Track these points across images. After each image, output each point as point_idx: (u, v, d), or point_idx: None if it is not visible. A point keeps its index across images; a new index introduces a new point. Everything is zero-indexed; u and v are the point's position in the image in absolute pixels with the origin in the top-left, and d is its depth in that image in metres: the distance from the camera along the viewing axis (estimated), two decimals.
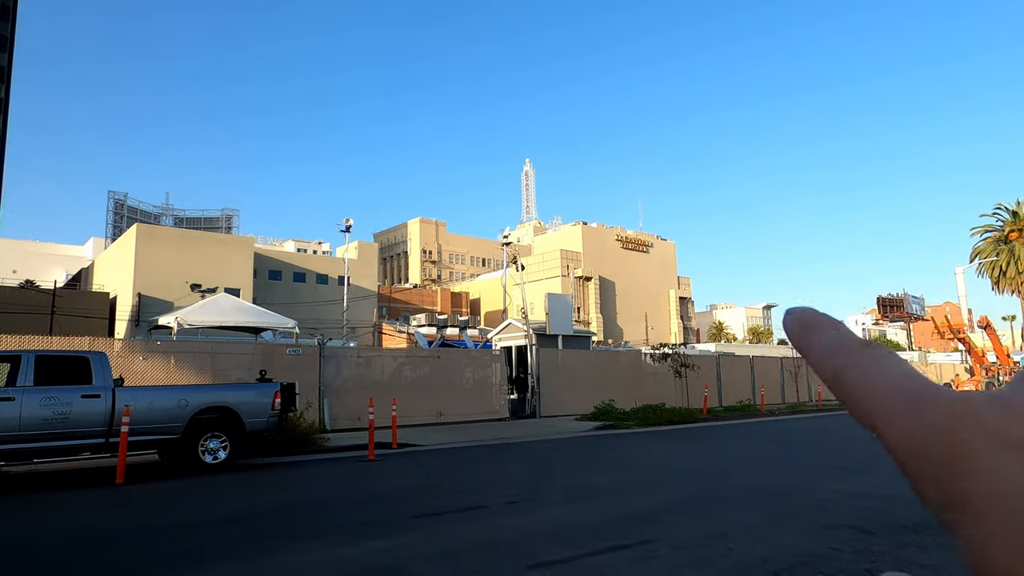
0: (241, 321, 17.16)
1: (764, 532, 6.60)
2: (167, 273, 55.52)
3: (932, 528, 6.74)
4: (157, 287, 54.66)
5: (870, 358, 0.28)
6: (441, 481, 9.78)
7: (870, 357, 0.28)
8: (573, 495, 8.58)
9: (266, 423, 11.02)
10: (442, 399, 19.45)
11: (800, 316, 0.32)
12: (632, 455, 13.30)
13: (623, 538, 6.32)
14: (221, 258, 60.79)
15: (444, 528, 6.78)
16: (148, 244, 57.49)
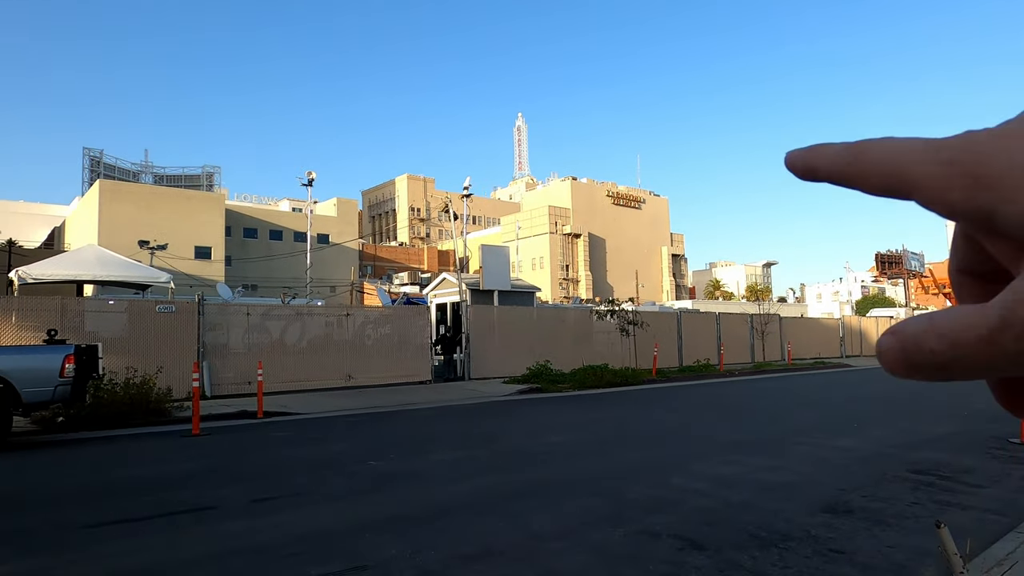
0: (101, 275, 15.19)
1: (555, 545, 4.70)
2: (134, 231, 53.38)
3: (776, 544, 4.83)
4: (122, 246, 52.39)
5: (879, 139, 0.30)
6: (224, 466, 7.91)
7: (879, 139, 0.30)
8: (361, 486, 6.70)
9: (53, 393, 9.14)
10: (354, 361, 17.59)
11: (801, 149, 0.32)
12: (517, 425, 11.45)
13: (330, 561, 4.43)
14: (190, 215, 58.58)
15: (110, 545, 4.89)
16: (112, 201, 55.33)
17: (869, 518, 5.47)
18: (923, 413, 12.15)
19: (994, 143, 0.27)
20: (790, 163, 0.32)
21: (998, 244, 0.29)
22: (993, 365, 0.26)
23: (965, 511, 5.70)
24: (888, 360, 0.29)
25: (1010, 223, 0.26)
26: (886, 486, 6.54)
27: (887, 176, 0.29)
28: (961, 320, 0.27)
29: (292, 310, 17.45)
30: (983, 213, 0.27)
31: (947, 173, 0.27)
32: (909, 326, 0.29)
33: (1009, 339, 0.25)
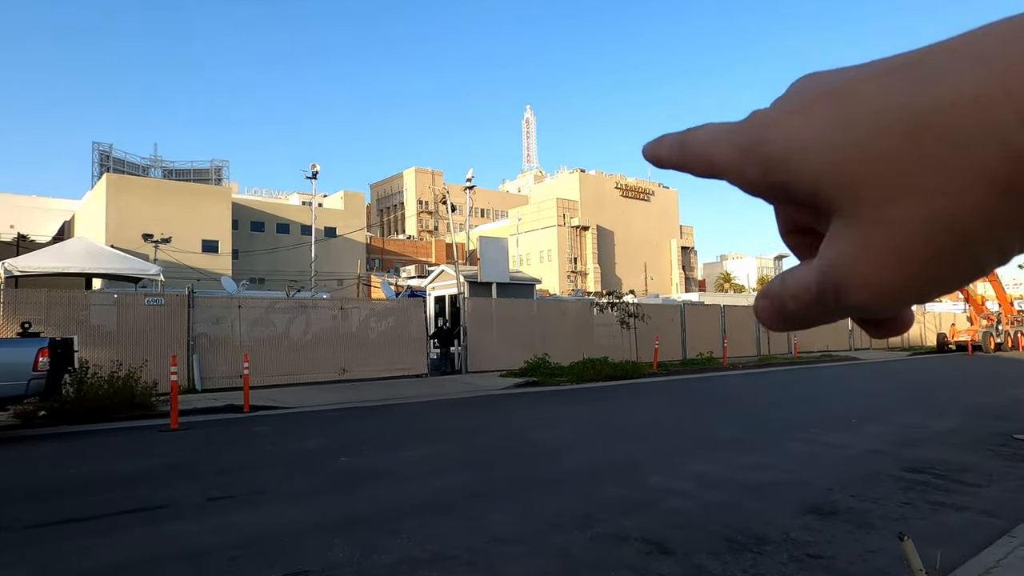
0: (89, 268, 15.01)
1: (514, 550, 4.39)
2: (141, 224, 53.43)
3: (751, 548, 4.52)
4: (129, 239, 52.56)
5: (703, 125, 0.33)
6: (191, 462, 7.67)
7: (703, 125, 0.33)
8: (325, 484, 6.44)
9: (26, 387, 8.94)
10: (349, 354, 17.35)
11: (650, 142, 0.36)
12: (504, 420, 11.16)
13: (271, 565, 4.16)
14: (198, 209, 58.60)
15: (42, 549, 4.65)
16: (119, 195, 55.42)
17: (854, 520, 5.14)
18: (926, 408, 11.76)
19: (775, 123, 0.29)
20: (645, 154, 0.36)
21: (800, 211, 0.32)
22: (832, 315, 0.30)
23: (959, 512, 5.37)
24: (764, 319, 0.33)
25: (802, 194, 0.28)
26: (877, 485, 6.20)
27: (702, 162, 0.32)
28: (799, 282, 0.30)
29: (287, 303, 17.23)
30: (778, 189, 0.29)
31: (742, 158, 0.30)
32: (773, 287, 0.32)
33: (830, 300, 0.29)
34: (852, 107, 0.27)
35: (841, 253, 0.28)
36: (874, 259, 0.27)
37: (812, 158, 0.27)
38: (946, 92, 0.24)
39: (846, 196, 0.27)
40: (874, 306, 0.28)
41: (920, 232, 0.25)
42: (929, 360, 27.97)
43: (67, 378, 10.42)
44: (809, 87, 0.29)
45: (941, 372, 20.89)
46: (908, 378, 18.88)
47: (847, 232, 0.27)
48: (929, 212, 0.25)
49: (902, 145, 0.25)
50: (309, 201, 76.16)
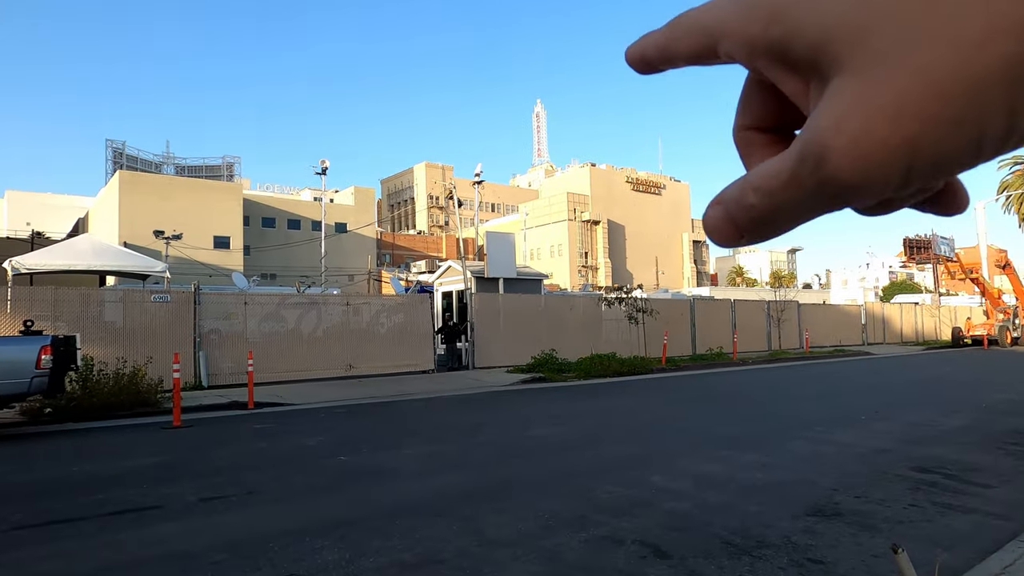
0: (96, 265, 15.05)
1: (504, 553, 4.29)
2: (154, 221, 53.75)
3: (750, 552, 4.40)
4: (141, 236, 52.88)
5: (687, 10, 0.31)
6: (188, 460, 7.63)
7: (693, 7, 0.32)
8: (320, 483, 6.38)
9: (29, 385, 8.95)
10: (356, 350, 17.32)
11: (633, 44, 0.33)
12: (507, 417, 11.07)
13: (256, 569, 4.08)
14: (209, 205, 58.90)
15: (26, 551, 4.61)
16: (132, 192, 55.78)
17: (858, 522, 5.00)
18: (937, 404, 11.53)
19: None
20: (629, 59, 0.33)
21: (790, 82, 0.29)
22: (804, 203, 0.27)
23: (967, 514, 5.20)
24: (717, 228, 0.30)
25: (803, 52, 0.27)
26: (883, 486, 6.04)
27: (697, 35, 0.30)
28: (768, 169, 0.28)
29: (294, 300, 17.22)
30: (779, 45, 0.27)
31: (746, 12, 0.28)
32: (728, 191, 0.30)
33: (807, 174, 0.26)
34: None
35: (837, 113, 0.25)
36: (872, 114, 0.24)
37: (822, 6, 0.25)
38: None
39: (854, 47, 0.25)
40: (858, 176, 0.25)
41: (932, 84, 0.23)
42: (943, 355, 27.58)
43: (71, 375, 10.43)
44: None
45: (955, 367, 20.56)
46: (920, 374, 18.58)
47: (846, 88, 0.25)
48: (947, 61, 0.23)
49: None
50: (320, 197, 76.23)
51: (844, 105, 0.25)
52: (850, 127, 0.25)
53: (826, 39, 0.26)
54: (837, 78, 0.26)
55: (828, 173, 0.26)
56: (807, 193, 0.27)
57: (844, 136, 0.25)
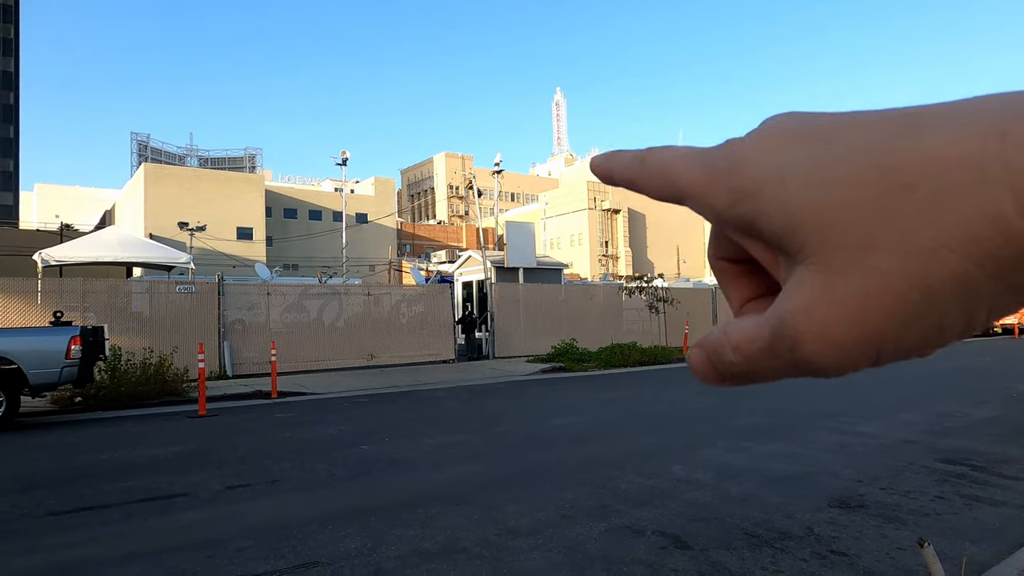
0: (123, 256, 15.29)
1: (524, 542, 4.31)
2: (178, 213, 54.47)
3: (772, 543, 4.37)
4: (166, 227, 53.58)
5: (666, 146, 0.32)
6: (213, 449, 7.75)
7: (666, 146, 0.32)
8: (342, 473, 6.45)
9: (59, 375, 9.15)
10: (375, 340, 17.46)
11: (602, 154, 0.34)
12: (527, 407, 11.09)
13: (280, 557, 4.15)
14: (232, 196, 59.52)
15: (60, 536, 4.73)
16: (157, 184, 56.52)
17: (883, 514, 4.93)
18: (965, 395, 11.32)
19: (752, 154, 0.27)
20: (593, 168, 0.34)
21: (757, 248, 0.29)
22: (779, 370, 0.28)
23: (996, 507, 5.11)
24: (699, 372, 0.31)
25: (768, 233, 0.27)
26: (909, 477, 5.95)
27: (663, 183, 0.30)
28: (747, 333, 0.28)
29: (316, 290, 17.39)
30: (744, 221, 0.28)
31: (711, 183, 0.28)
32: (711, 338, 0.30)
33: (783, 350, 0.27)
34: (834, 148, 0.25)
35: (804, 302, 0.26)
36: (838, 309, 0.25)
37: (788, 193, 0.26)
38: (938, 147, 0.23)
39: (817, 239, 0.25)
40: (830, 361, 0.26)
41: (890, 287, 0.24)
42: (971, 344, 27.06)
43: (100, 365, 10.65)
44: (788, 125, 0.27)
45: (983, 357, 20.16)
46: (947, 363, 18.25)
47: (813, 278, 0.25)
48: (903, 268, 0.24)
49: (882, 195, 0.24)
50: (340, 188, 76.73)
51: (812, 294, 0.25)
52: (818, 316, 0.25)
53: (791, 227, 0.26)
54: (803, 265, 0.26)
55: (802, 356, 0.26)
56: (784, 364, 0.27)
57: (814, 324, 0.25)
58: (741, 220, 0.27)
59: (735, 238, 0.30)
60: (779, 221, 0.26)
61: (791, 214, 0.26)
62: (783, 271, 0.28)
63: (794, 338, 0.26)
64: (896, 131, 0.24)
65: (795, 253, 0.26)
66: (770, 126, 0.28)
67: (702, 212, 0.29)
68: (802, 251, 0.26)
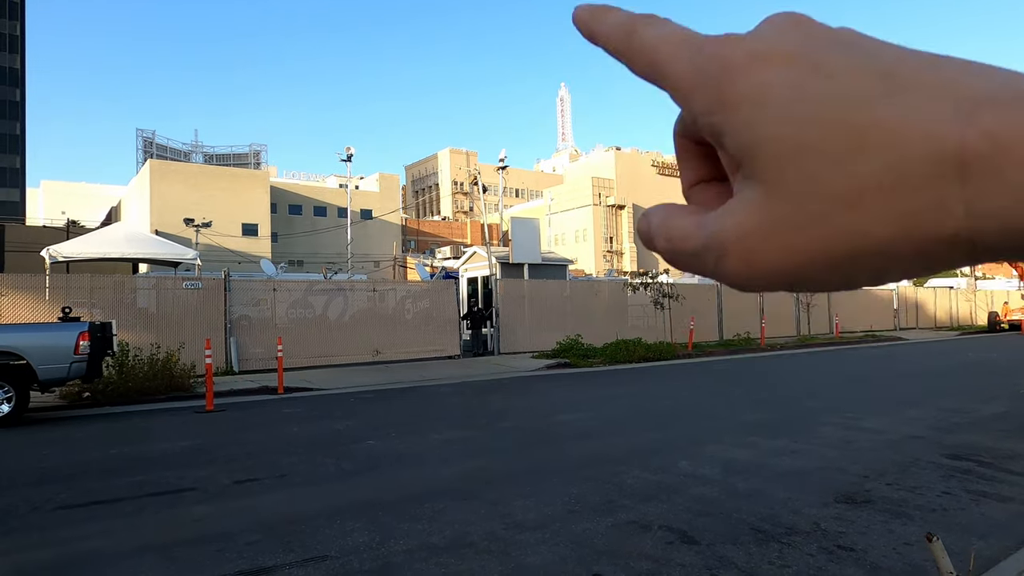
0: (130, 253, 15.37)
1: (532, 537, 4.33)
2: (184, 209, 54.54)
3: (779, 538, 4.38)
4: (172, 224, 53.68)
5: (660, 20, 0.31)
6: (221, 444, 7.81)
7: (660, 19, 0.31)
8: (350, 468, 6.49)
9: (68, 370, 9.21)
10: (382, 336, 17.50)
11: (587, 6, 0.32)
12: (533, 402, 11.11)
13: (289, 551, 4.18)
14: (237, 193, 59.63)
15: (72, 529, 4.78)
16: (162, 181, 56.67)
17: (890, 510, 4.94)
18: (972, 391, 11.29)
19: (742, 65, 0.27)
20: (576, 19, 0.32)
21: (721, 153, 0.30)
22: (699, 270, 0.29)
23: (1003, 503, 5.11)
24: (641, 238, 0.32)
25: (733, 148, 0.27)
26: (915, 473, 5.95)
27: (647, 66, 0.30)
28: (683, 231, 0.29)
29: (322, 286, 17.44)
30: (715, 129, 0.28)
31: (695, 84, 0.28)
32: (654, 218, 0.31)
33: (709, 260, 0.28)
34: (816, 85, 0.26)
35: (742, 223, 0.27)
36: (771, 240, 0.26)
37: (762, 118, 0.26)
38: (909, 121, 0.24)
39: (776, 170, 0.26)
40: (747, 281, 0.28)
41: (823, 234, 0.25)
42: (979, 340, 26.97)
43: (108, 360, 10.71)
44: (787, 38, 0.27)
45: (991, 353, 20.09)
46: (955, 359, 18.20)
47: (758, 205, 0.26)
48: (840, 223, 0.25)
49: (842, 151, 0.24)
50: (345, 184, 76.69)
51: (750, 214, 0.27)
52: (749, 239, 0.27)
53: (754, 150, 0.26)
54: (752, 188, 0.27)
55: (723, 269, 0.28)
56: (705, 268, 0.29)
57: (743, 247, 0.27)
58: (712, 128, 0.28)
59: (704, 136, 0.30)
60: (747, 140, 0.26)
61: (758, 140, 0.26)
62: (736, 180, 0.28)
63: (721, 253, 0.27)
64: (875, 90, 0.25)
65: (751, 174, 0.27)
66: (770, 36, 0.28)
67: (679, 104, 0.29)
68: (759, 173, 0.26)
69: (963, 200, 0.23)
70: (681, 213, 0.30)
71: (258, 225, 60.61)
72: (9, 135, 70.96)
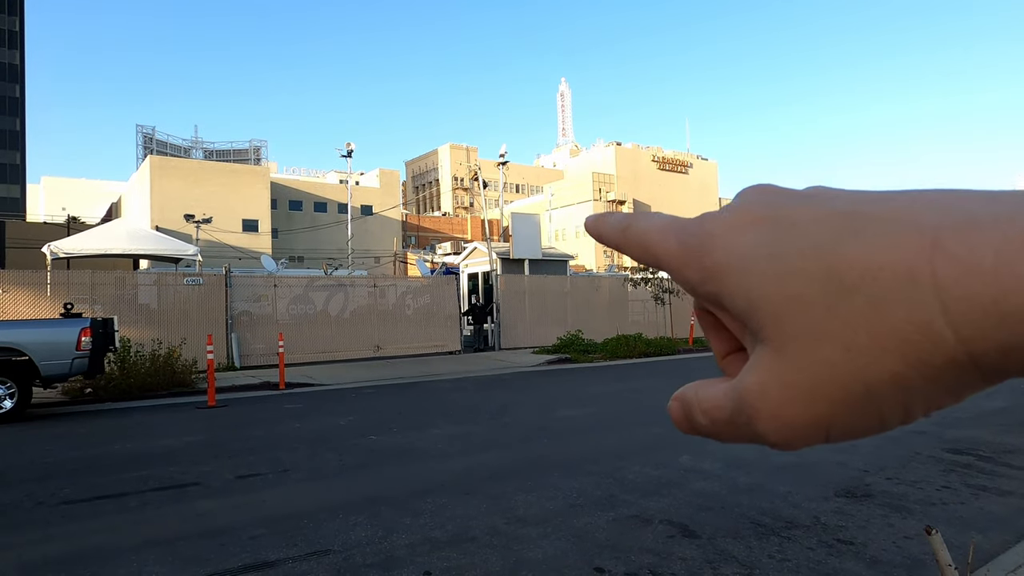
0: (131, 249, 15.39)
1: (534, 531, 4.35)
2: (184, 205, 54.51)
3: (779, 532, 4.40)
4: (172, 220, 53.65)
5: (649, 214, 0.34)
6: (224, 439, 7.84)
7: (649, 213, 0.34)
8: (352, 462, 6.52)
9: (70, 366, 9.24)
10: (383, 332, 17.53)
11: (593, 216, 0.37)
12: (534, 398, 11.13)
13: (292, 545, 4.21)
14: (237, 189, 59.60)
15: (76, 524, 4.80)
16: (162, 176, 56.64)
17: (889, 504, 4.97)
18: None
19: (719, 235, 0.29)
20: (587, 227, 0.36)
21: (726, 318, 0.32)
22: (741, 438, 0.30)
23: (1002, 497, 5.13)
24: (676, 422, 0.33)
25: (733, 311, 0.29)
26: (915, 467, 5.98)
27: (642, 252, 0.33)
28: (714, 401, 0.30)
29: (323, 282, 17.45)
30: (712, 297, 0.30)
31: (684, 259, 0.30)
32: (687, 395, 0.32)
33: (742, 423, 0.29)
34: (792, 240, 0.27)
35: (760, 380, 0.28)
36: (789, 393, 0.27)
37: (749, 281, 0.28)
38: (876, 254, 0.24)
39: (774, 326, 0.27)
40: (782, 439, 0.28)
41: (836, 378, 0.26)
42: None
43: (110, 356, 10.74)
44: (754, 205, 0.29)
45: None
46: None
47: (769, 360, 0.27)
48: (847, 363, 0.25)
49: (828, 294, 0.25)
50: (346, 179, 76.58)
51: (764, 371, 0.27)
52: (772, 397, 0.27)
53: (752, 311, 0.28)
54: (761, 345, 0.28)
55: (758, 431, 0.28)
56: (744, 434, 0.29)
57: (768, 404, 0.27)
58: (710, 296, 0.30)
59: (707, 305, 0.32)
60: (742, 304, 0.28)
61: (752, 300, 0.28)
62: (748, 342, 0.30)
63: (750, 414, 0.28)
64: (841, 231, 0.26)
65: (756, 332, 0.28)
66: (740, 204, 0.30)
67: (678, 281, 0.31)
68: (761, 332, 0.27)
69: (949, 325, 0.23)
70: (711, 384, 0.31)
71: (258, 221, 60.61)
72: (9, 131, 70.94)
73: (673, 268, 0.31)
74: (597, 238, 0.36)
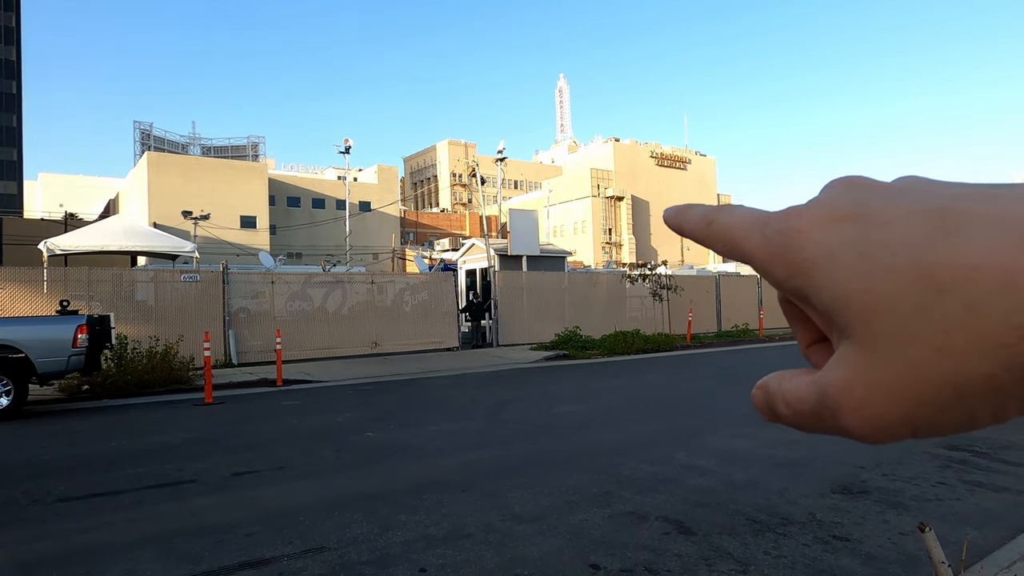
0: (128, 245, 15.36)
1: (529, 528, 4.36)
2: (182, 201, 54.43)
3: (774, 528, 4.41)
4: (170, 216, 53.52)
5: (732, 207, 0.34)
6: (220, 436, 7.83)
7: (732, 206, 0.34)
8: (349, 460, 6.52)
9: (67, 363, 9.22)
10: (381, 328, 17.51)
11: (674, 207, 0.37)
12: (531, 394, 11.12)
13: (288, 542, 4.20)
14: (235, 185, 59.49)
15: (72, 522, 4.79)
16: (160, 173, 56.51)
17: (885, 500, 4.97)
18: None
19: (806, 231, 0.29)
20: (666, 219, 0.37)
21: (812, 313, 0.31)
22: (823, 430, 0.30)
23: (998, 493, 5.14)
24: (759, 409, 0.34)
25: (819, 307, 0.29)
26: (912, 463, 5.98)
27: (728, 246, 0.32)
28: (797, 393, 0.31)
29: (320, 279, 17.43)
30: (799, 293, 0.30)
31: (769, 254, 0.30)
32: (770, 385, 0.32)
33: (826, 416, 0.29)
34: (881, 236, 0.27)
35: (845, 377, 0.28)
36: (875, 390, 0.27)
37: (836, 277, 0.27)
38: (972, 255, 0.24)
39: (861, 323, 0.27)
40: (867, 434, 0.28)
41: (925, 379, 0.26)
42: None
43: (106, 353, 10.72)
44: (843, 200, 0.29)
45: None
46: None
47: (855, 357, 0.27)
48: (937, 363, 0.25)
49: (919, 293, 0.25)
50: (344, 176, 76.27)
51: (853, 372, 0.28)
52: (857, 394, 0.27)
53: (838, 307, 0.28)
54: (847, 341, 0.28)
55: (842, 425, 0.28)
56: (827, 427, 0.30)
57: (853, 400, 0.27)
58: (796, 291, 0.30)
59: (793, 299, 0.32)
60: (828, 300, 0.28)
61: (838, 296, 0.27)
62: (834, 337, 0.30)
63: (835, 409, 0.28)
64: (934, 230, 0.25)
65: (842, 329, 0.28)
66: (828, 197, 0.30)
67: (764, 276, 0.31)
68: (847, 328, 0.27)
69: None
70: (794, 375, 0.31)
71: (256, 217, 60.51)
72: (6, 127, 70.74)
73: (759, 263, 0.31)
74: (678, 231, 0.35)
